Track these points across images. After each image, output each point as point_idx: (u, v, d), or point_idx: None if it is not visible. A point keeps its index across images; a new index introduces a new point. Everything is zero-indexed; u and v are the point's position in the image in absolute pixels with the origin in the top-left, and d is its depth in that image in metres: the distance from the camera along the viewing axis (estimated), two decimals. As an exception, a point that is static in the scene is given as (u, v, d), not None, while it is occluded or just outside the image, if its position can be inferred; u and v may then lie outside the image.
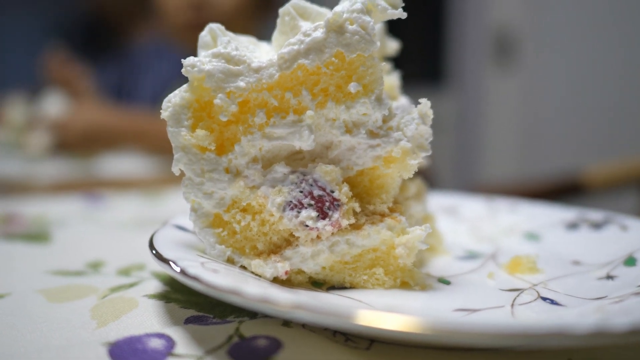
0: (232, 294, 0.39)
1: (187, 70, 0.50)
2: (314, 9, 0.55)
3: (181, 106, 0.51)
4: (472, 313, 0.46)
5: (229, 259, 0.53)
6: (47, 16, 3.92)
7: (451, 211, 0.80)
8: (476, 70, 3.46)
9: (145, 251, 0.55)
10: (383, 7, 0.51)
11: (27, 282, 0.56)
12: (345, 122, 0.52)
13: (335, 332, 0.43)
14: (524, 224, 0.73)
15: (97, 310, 0.48)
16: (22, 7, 3.95)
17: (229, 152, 0.52)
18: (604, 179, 1.51)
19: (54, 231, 0.79)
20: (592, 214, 0.69)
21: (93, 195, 1.05)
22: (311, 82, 0.51)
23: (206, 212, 0.53)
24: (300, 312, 0.37)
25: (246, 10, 1.76)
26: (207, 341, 0.42)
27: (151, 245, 0.50)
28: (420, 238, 0.51)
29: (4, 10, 3.92)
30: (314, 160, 0.53)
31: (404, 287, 0.53)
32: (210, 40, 0.54)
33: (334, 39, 0.49)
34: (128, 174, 1.46)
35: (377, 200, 0.54)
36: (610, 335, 0.33)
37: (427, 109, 0.52)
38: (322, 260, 0.52)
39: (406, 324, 0.35)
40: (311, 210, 0.51)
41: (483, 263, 0.61)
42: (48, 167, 1.51)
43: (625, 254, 0.58)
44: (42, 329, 0.44)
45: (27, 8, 3.97)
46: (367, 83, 0.51)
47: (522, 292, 0.52)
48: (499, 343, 0.36)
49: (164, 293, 0.52)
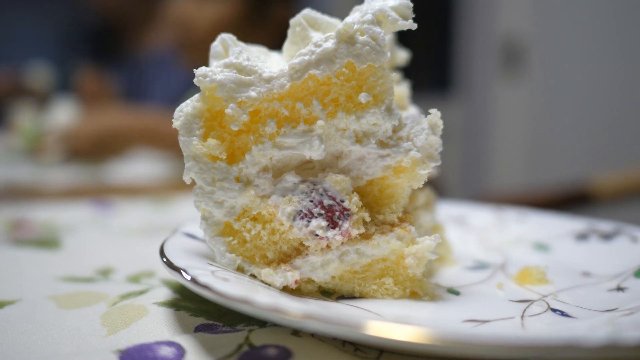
0: (242, 303, 0.39)
1: (199, 80, 0.50)
2: (324, 20, 0.55)
3: (193, 115, 0.51)
4: (482, 324, 0.46)
5: (239, 268, 0.53)
6: (58, 21, 3.96)
7: (460, 221, 0.80)
8: (484, 80, 3.46)
9: (155, 258, 0.55)
10: (393, 18, 0.51)
11: (37, 288, 0.56)
12: (355, 132, 0.52)
13: (344, 342, 0.43)
14: (533, 234, 0.73)
15: (108, 318, 0.48)
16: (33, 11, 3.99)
17: (240, 161, 0.52)
18: (613, 189, 1.50)
19: (63, 237, 0.79)
20: (601, 225, 0.69)
21: (103, 201, 1.06)
22: (322, 92, 0.51)
23: (217, 220, 0.53)
24: (310, 322, 0.37)
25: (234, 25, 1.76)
26: (217, 350, 0.42)
27: (162, 253, 0.50)
28: (430, 248, 0.51)
29: (16, 15, 3.97)
30: (324, 170, 0.53)
31: (413, 297, 0.53)
32: (222, 51, 0.54)
33: (345, 50, 0.50)
34: (137, 180, 1.47)
35: (387, 210, 0.54)
36: (621, 349, 0.33)
37: (437, 119, 0.52)
38: (331, 270, 0.52)
39: (415, 335, 0.35)
40: (321, 219, 0.51)
41: (492, 273, 0.61)
42: (58, 174, 1.52)
43: (635, 265, 0.58)
44: (53, 336, 0.44)
45: (38, 13, 4.01)
46: (377, 93, 0.51)
47: (532, 304, 0.51)
48: (509, 355, 0.36)
49: (173, 301, 0.53)
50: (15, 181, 1.37)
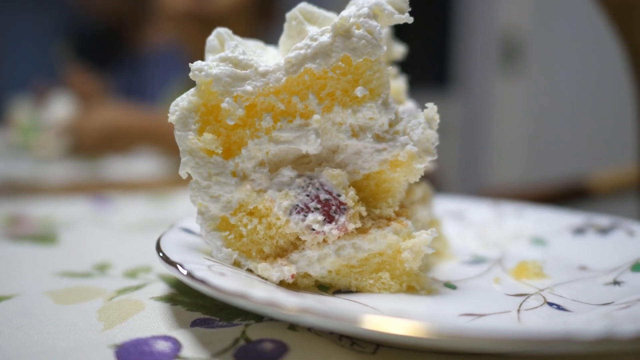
0: (239, 298, 0.39)
1: (195, 74, 0.50)
2: (320, 14, 0.55)
3: (188, 110, 0.51)
4: (478, 318, 0.46)
5: (235, 262, 0.53)
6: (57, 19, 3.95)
7: (457, 215, 0.80)
8: (483, 75, 3.45)
9: (152, 253, 0.55)
10: (390, 11, 0.51)
11: (34, 283, 0.56)
12: (351, 126, 0.52)
13: (341, 336, 0.43)
14: (531, 229, 0.73)
15: (104, 312, 0.48)
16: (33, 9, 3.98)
17: (236, 155, 0.52)
18: (610, 184, 1.50)
19: (61, 233, 0.79)
20: (598, 219, 0.69)
21: (100, 197, 1.06)
22: (318, 86, 0.51)
23: (213, 215, 0.53)
24: (306, 316, 0.37)
25: (245, 12, 1.76)
26: (214, 344, 0.42)
27: (158, 248, 0.50)
28: (427, 242, 0.51)
29: (14, 12, 3.95)
30: (321, 164, 0.53)
31: (410, 292, 0.53)
32: (218, 45, 0.54)
33: (341, 44, 0.50)
34: (135, 176, 1.46)
35: (384, 204, 0.54)
36: (617, 342, 0.33)
37: (434, 113, 0.52)
38: (328, 264, 0.52)
39: (412, 329, 0.35)
40: (318, 214, 0.51)
41: (489, 268, 0.61)
42: (56, 169, 1.52)
43: (632, 259, 0.58)
44: (49, 331, 0.44)
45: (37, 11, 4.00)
46: (373, 87, 0.51)
47: (529, 298, 0.51)
48: (505, 349, 0.36)
49: (170, 295, 0.53)
50: (13, 177, 1.37)
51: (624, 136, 2.95)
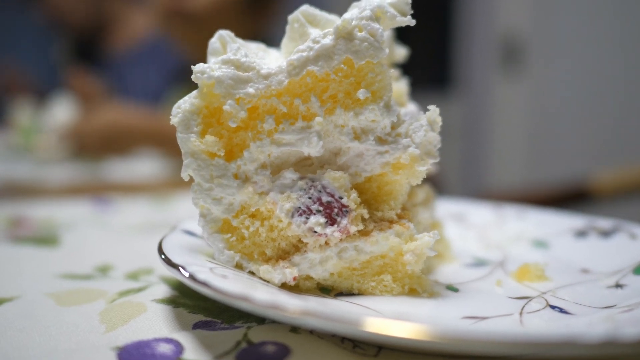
0: (241, 300, 0.39)
1: (197, 77, 0.50)
2: (323, 16, 0.55)
3: (191, 112, 0.51)
4: (481, 321, 0.46)
5: (237, 265, 0.53)
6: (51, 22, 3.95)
7: (459, 218, 0.80)
8: (484, 77, 3.46)
9: (154, 256, 0.55)
10: (392, 14, 0.51)
11: (36, 285, 0.56)
12: (353, 128, 0.52)
13: (343, 339, 0.43)
14: (532, 231, 0.73)
15: (106, 315, 0.48)
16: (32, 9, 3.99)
17: (238, 158, 0.52)
18: (612, 186, 1.50)
19: (62, 235, 0.79)
20: (600, 222, 0.69)
21: (102, 199, 1.06)
22: (320, 88, 0.51)
23: (215, 217, 0.53)
24: (309, 319, 0.37)
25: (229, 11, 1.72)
26: (216, 346, 0.42)
27: (160, 250, 0.50)
28: (429, 245, 0.51)
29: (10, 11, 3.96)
30: (323, 167, 0.53)
31: (412, 294, 0.53)
32: (220, 47, 0.54)
33: (343, 46, 0.50)
34: (137, 178, 1.46)
35: (386, 207, 0.54)
36: (620, 345, 0.33)
37: (436, 116, 0.52)
38: (330, 267, 0.52)
39: (414, 332, 0.35)
40: (320, 216, 0.51)
41: (491, 270, 0.61)
42: (57, 171, 1.52)
43: (634, 262, 0.58)
44: (51, 333, 0.44)
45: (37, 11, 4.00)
46: (375, 90, 0.51)
47: (531, 300, 0.51)
48: (508, 352, 0.36)
49: (172, 298, 0.53)
50: (14, 178, 1.37)
51: (625, 138, 2.96)
